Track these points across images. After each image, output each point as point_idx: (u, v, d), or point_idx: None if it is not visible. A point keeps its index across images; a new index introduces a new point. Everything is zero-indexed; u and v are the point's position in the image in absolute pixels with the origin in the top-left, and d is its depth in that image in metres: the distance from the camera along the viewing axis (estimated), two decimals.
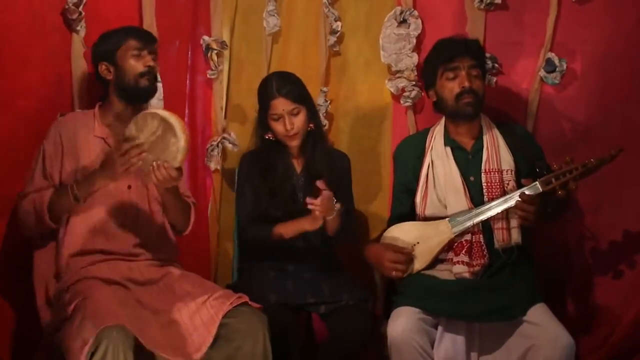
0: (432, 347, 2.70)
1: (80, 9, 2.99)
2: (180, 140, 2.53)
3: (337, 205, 2.83)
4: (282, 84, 2.98)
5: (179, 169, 2.59)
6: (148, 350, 2.41)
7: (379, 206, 3.38)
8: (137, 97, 2.79)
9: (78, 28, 3.02)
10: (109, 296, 2.51)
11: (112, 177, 2.62)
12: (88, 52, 2.96)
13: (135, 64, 2.76)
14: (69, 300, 2.54)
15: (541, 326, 2.67)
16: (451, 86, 2.91)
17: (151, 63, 2.78)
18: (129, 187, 2.77)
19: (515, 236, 2.83)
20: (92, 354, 2.30)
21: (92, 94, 2.99)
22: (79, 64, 3.03)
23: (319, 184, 2.80)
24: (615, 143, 3.15)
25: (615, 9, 3.20)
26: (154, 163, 2.54)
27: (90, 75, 3.00)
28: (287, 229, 2.92)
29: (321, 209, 2.77)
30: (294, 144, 3.02)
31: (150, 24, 3.16)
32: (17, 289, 2.88)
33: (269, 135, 3.03)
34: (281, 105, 2.96)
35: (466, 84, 2.87)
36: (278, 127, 2.98)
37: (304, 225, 2.87)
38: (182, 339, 2.48)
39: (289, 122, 2.95)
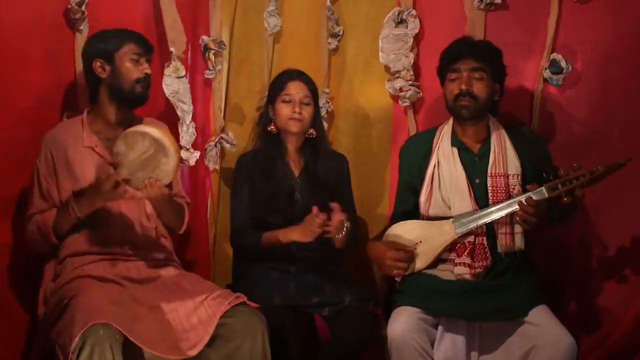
0: (433, 346, 2.70)
1: (83, 8, 2.99)
2: (172, 161, 2.57)
3: (347, 225, 2.84)
4: (301, 73, 3.07)
5: (169, 184, 2.64)
6: (139, 347, 2.42)
7: (378, 206, 3.38)
8: (130, 101, 2.80)
9: (81, 27, 3.02)
10: (100, 294, 2.51)
11: (112, 199, 2.64)
12: None
13: (132, 69, 2.77)
14: (61, 297, 2.55)
15: (542, 327, 2.67)
16: (452, 87, 2.91)
17: (148, 71, 2.80)
18: (125, 192, 2.77)
19: (519, 242, 2.83)
20: (80, 352, 2.31)
21: None
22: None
23: (334, 206, 2.81)
24: (617, 144, 3.16)
25: (616, 9, 3.19)
26: (146, 180, 2.58)
27: None
28: (277, 238, 2.90)
29: (333, 230, 2.79)
30: (294, 129, 3.01)
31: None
32: (23, 292, 2.88)
33: (272, 127, 3.04)
34: (296, 88, 3.02)
35: (463, 86, 2.86)
36: (285, 109, 3.01)
37: (293, 235, 2.86)
38: (177, 336, 2.48)
39: (298, 107, 2.99)
